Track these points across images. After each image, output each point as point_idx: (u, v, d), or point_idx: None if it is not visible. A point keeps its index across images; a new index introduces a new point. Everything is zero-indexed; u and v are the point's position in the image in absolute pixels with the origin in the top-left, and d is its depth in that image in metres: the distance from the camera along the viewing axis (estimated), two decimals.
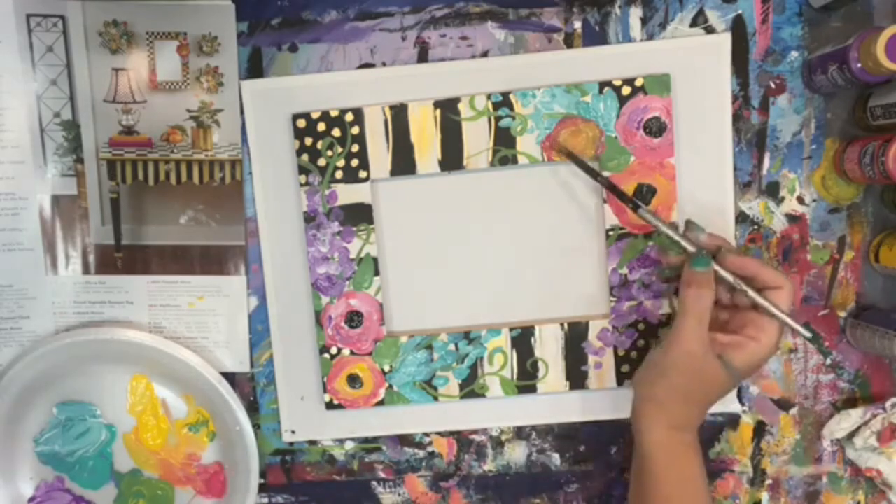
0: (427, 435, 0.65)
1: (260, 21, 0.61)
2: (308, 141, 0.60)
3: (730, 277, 0.53)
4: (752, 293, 0.53)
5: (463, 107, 0.59)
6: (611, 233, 0.60)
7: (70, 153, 0.62)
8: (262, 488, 0.66)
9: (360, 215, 0.61)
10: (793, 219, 0.61)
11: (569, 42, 0.60)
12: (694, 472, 0.55)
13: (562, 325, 0.62)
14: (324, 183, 0.61)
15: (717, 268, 0.53)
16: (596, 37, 0.60)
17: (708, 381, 0.53)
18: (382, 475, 0.66)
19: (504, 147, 0.60)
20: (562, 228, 0.62)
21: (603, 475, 0.65)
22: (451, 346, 0.62)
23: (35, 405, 0.64)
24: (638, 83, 0.58)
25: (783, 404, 0.63)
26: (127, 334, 0.62)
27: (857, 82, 0.54)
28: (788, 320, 0.53)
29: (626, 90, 0.58)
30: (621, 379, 0.62)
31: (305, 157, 0.60)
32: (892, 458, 0.60)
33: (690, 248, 0.54)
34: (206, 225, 0.63)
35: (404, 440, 0.65)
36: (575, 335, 0.62)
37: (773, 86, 0.60)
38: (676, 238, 0.55)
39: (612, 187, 0.57)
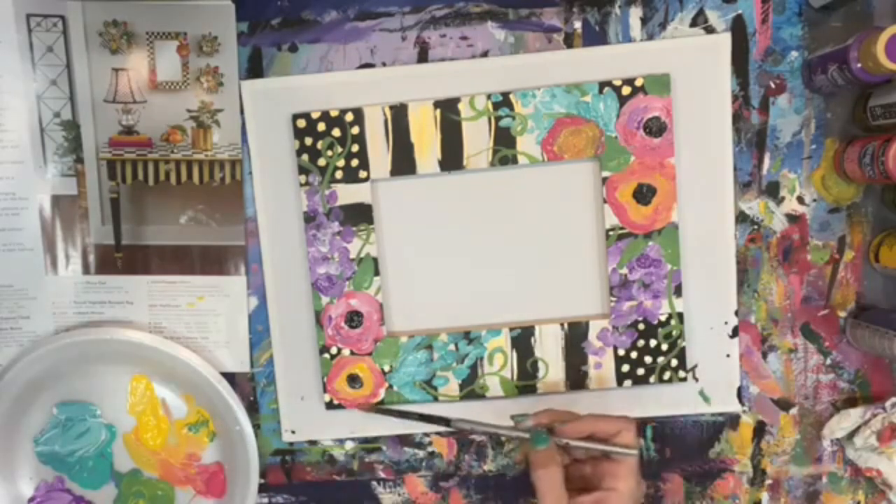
0: (427, 435, 0.65)
1: (260, 21, 0.61)
2: (308, 141, 0.60)
3: (574, 443, 0.53)
4: (600, 448, 0.53)
5: (463, 107, 0.59)
6: (611, 233, 0.60)
7: (70, 153, 0.62)
8: (262, 488, 0.66)
9: (360, 215, 0.61)
10: (793, 219, 0.61)
11: (569, 42, 0.60)
12: None
13: (562, 325, 0.62)
14: (324, 183, 0.61)
15: (556, 440, 0.53)
16: (596, 37, 0.60)
17: None
18: (382, 475, 0.66)
19: (504, 147, 0.60)
20: (562, 228, 0.62)
21: None
22: (451, 346, 0.62)
23: (35, 405, 0.64)
24: (638, 83, 0.58)
25: (783, 404, 0.63)
26: (127, 334, 0.62)
27: (857, 82, 0.54)
28: (629, 453, 0.53)
29: (626, 90, 0.58)
30: (621, 379, 0.62)
31: (305, 157, 0.60)
32: (892, 458, 0.60)
33: (524, 435, 0.54)
34: (206, 225, 0.63)
35: (404, 440, 0.65)
36: (575, 335, 0.62)
37: (773, 86, 0.60)
38: (503, 433, 0.55)
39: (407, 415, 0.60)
